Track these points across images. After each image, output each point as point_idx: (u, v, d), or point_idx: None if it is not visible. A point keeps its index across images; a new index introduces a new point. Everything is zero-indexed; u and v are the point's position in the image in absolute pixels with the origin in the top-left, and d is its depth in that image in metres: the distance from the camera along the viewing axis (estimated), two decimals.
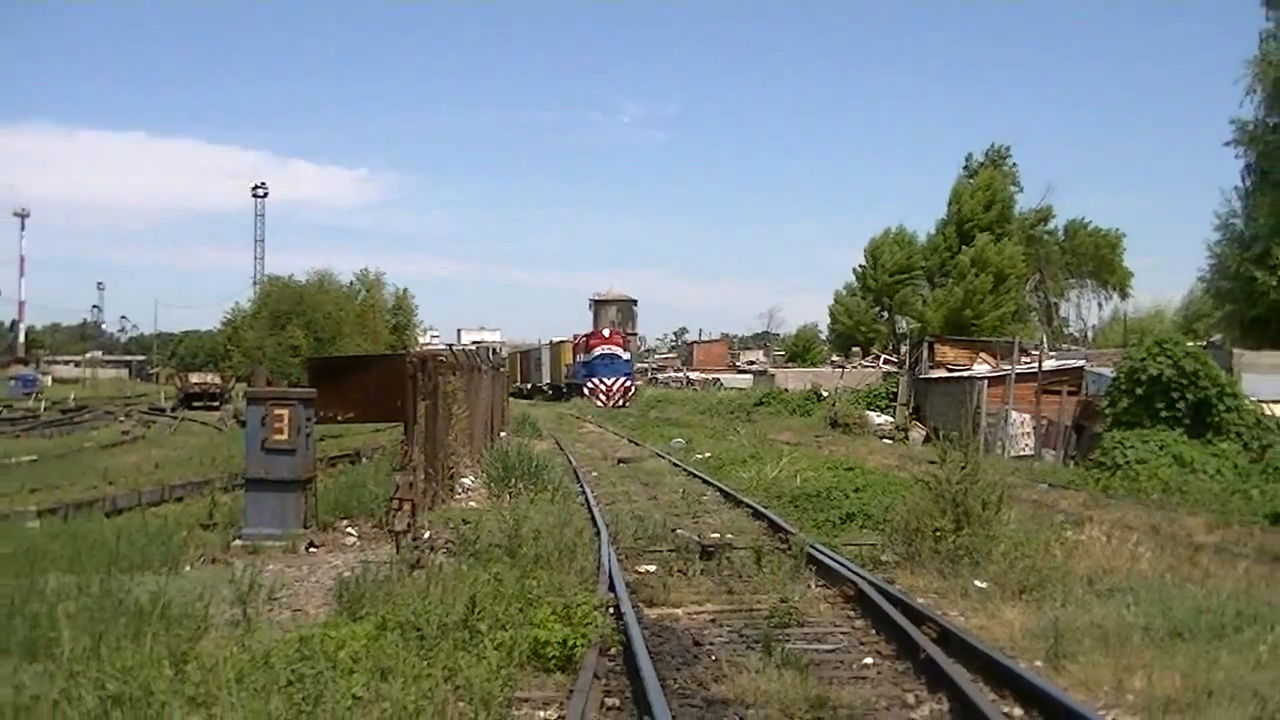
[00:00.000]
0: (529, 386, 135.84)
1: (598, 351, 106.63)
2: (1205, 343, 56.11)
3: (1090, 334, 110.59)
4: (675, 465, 41.81)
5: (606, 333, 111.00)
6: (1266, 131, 64.45)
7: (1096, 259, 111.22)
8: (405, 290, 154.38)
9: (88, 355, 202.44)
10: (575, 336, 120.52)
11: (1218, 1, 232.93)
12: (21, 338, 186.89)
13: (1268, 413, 38.80)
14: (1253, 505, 29.07)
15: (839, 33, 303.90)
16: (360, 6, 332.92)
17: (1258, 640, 13.56)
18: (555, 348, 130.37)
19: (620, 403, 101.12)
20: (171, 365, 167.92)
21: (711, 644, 15.17)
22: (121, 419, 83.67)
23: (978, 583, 18.03)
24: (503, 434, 47.97)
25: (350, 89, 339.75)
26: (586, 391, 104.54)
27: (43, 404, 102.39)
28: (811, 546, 20.52)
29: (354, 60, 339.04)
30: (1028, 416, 50.39)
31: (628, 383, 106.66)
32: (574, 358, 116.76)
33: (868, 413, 65.29)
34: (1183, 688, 12.08)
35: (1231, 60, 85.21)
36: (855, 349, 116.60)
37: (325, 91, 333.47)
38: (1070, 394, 49.02)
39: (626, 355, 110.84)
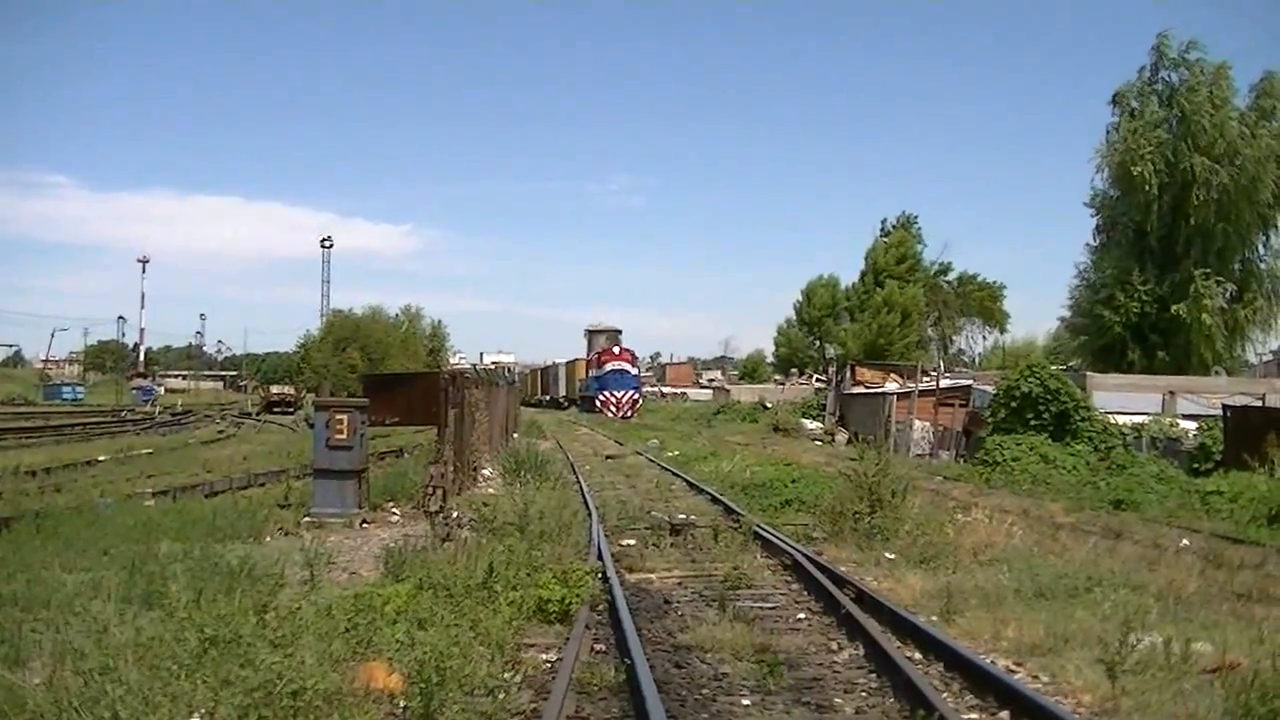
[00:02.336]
0: (547, 398, 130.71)
1: (609, 367, 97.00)
2: (1065, 367, 56.40)
3: (977, 360, 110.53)
4: (651, 461, 41.77)
5: (617, 350, 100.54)
6: (1110, 202, 65.07)
7: (982, 304, 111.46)
8: (439, 321, 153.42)
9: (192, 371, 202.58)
10: (589, 353, 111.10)
11: (1083, 98, 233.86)
12: (142, 357, 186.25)
13: (1112, 422, 38.95)
14: (1100, 494, 29.15)
15: (780, 120, 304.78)
16: (406, 105, 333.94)
17: (1103, 599, 13.64)
18: (570, 365, 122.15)
19: (629, 414, 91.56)
20: (257, 379, 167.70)
21: (678, 602, 15.18)
22: (217, 421, 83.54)
23: (888, 554, 18.07)
24: (515, 435, 47.85)
25: (398, 164, 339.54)
26: (598, 404, 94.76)
27: (158, 409, 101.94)
28: (757, 526, 20.50)
29: (401, 143, 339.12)
30: (928, 424, 50.47)
31: (635, 395, 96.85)
32: (587, 373, 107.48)
33: (803, 420, 65.23)
34: (1045, 635, 12.13)
35: (1089, 142, 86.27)
36: (793, 370, 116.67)
37: (379, 166, 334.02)
38: (960, 406, 49.15)
39: (634, 371, 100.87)
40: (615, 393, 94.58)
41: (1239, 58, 69.61)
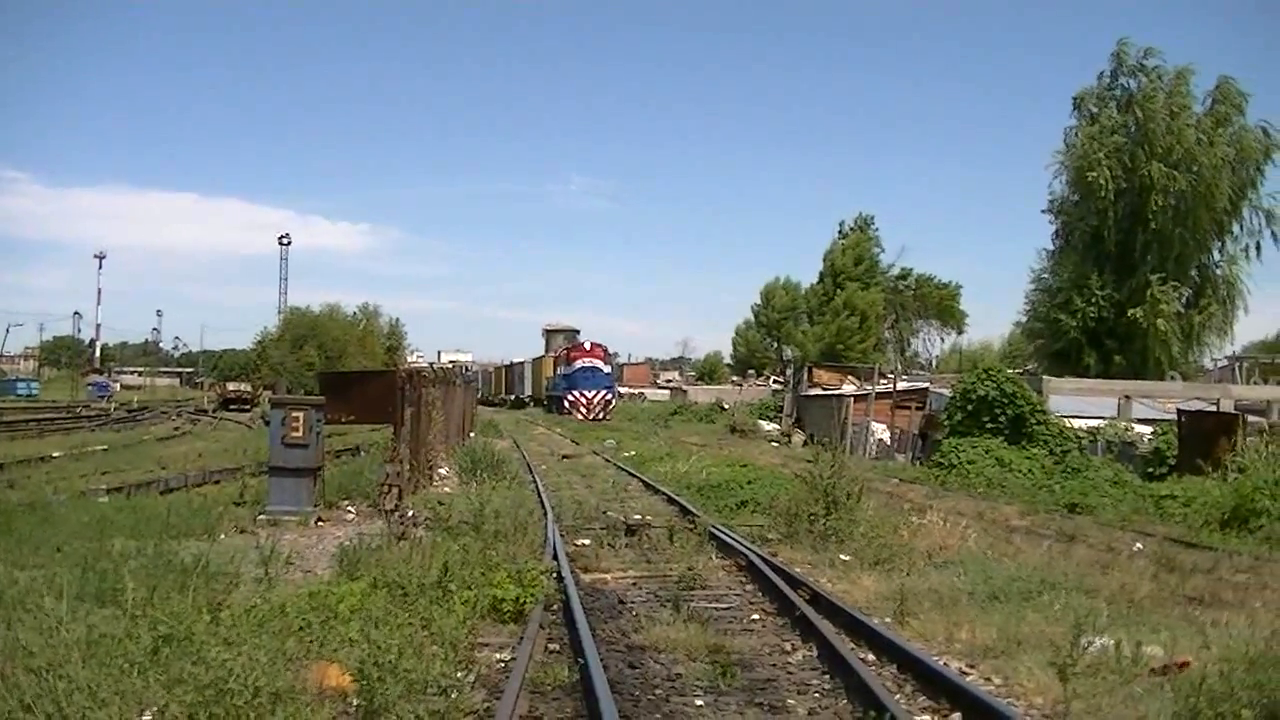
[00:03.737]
0: (512, 398, 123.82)
1: (579, 364, 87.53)
2: (1021, 370, 56.66)
3: (934, 362, 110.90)
4: (607, 461, 41.74)
5: (587, 346, 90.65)
6: (1069, 206, 65.44)
7: (940, 305, 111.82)
8: (397, 319, 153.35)
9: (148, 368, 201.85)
10: (556, 349, 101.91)
11: (1044, 103, 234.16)
12: (98, 353, 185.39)
13: (1068, 425, 39.15)
14: (1054, 497, 29.30)
15: (740, 122, 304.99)
16: (365, 102, 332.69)
17: (1054, 601, 13.70)
18: (537, 362, 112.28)
19: (601, 415, 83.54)
20: (213, 376, 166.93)
21: (633, 602, 15.19)
22: (173, 418, 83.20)
23: (842, 556, 18.12)
24: (472, 434, 47.76)
25: (358, 163, 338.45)
26: (567, 404, 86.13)
27: (113, 405, 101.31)
28: (713, 526, 20.50)
29: (361, 141, 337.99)
30: (884, 426, 50.71)
31: (608, 395, 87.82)
32: (554, 370, 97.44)
33: (760, 422, 65.41)
34: (998, 638, 12.18)
35: (1048, 148, 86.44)
36: (751, 371, 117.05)
37: (338, 164, 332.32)
38: (917, 409, 49.36)
39: (607, 369, 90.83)
40: (585, 392, 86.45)
41: (1200, 61, 70.10)
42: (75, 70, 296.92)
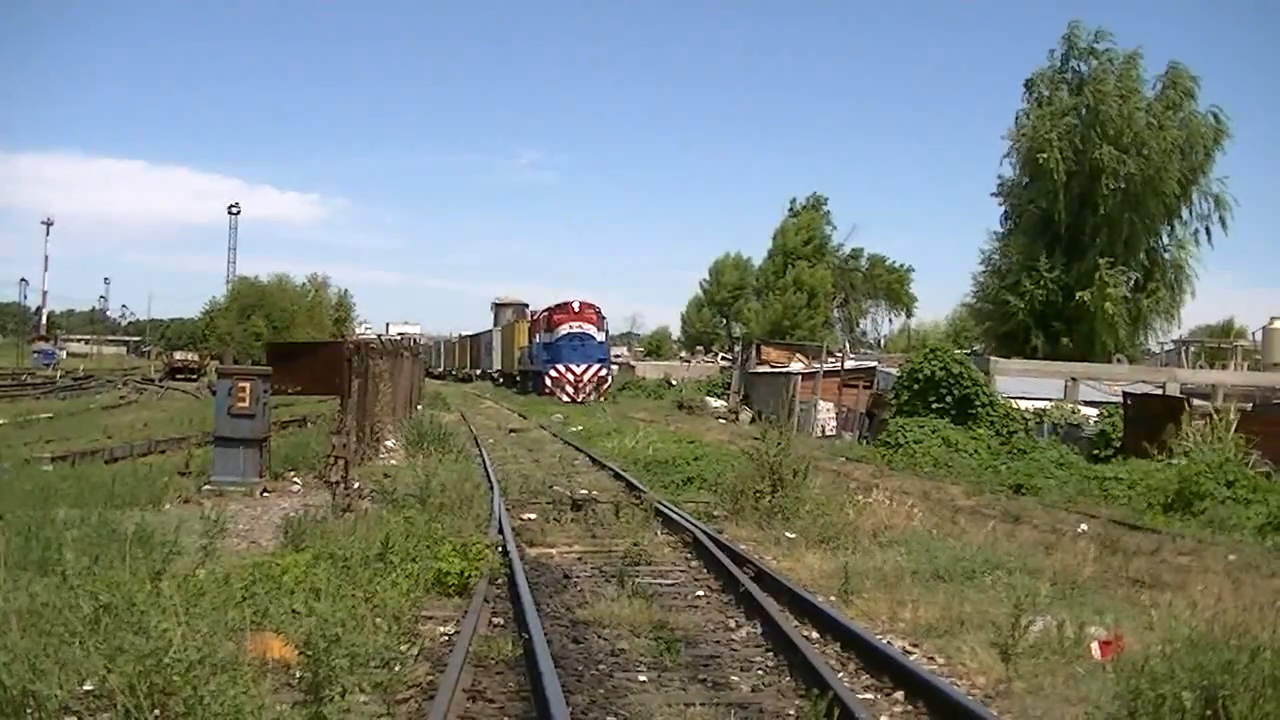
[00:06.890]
0: (478, 373, 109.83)
1: (564, 330, 70.05)
2: (969, 351, 56.83)
3: (882, 342, 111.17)
4: (554, 436, 41.78)
5: (577, 306, 72.34)
6: (1018, 189, 65.61)
7: (889, 286, 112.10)
8: (345, 291, 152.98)
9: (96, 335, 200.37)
10: (534, 312, 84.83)
11: (998, 82, 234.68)
12: (44, 320, 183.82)
13: (1015, 407, 39.30)
14: (1000, 478, 29.48)
15: (692, 98, 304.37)
16: (316, 72, 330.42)
17: (997, 582, 13.79)
18: (509, 329, 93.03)
19: (592, 395, 68.06)
20: (160, 345, 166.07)
21: (578, 577, 15.21)
22: (120, 387, 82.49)
23: (788, 534, 18.15)
24: (419, 407, 47.62)
25: (307, 133, 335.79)
26: (548, 382, 69.25)
27: (59, 373, 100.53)
28: (659, 502, 20.48)
29: (311, 112, 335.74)
30: (831, 404, 50.81)
31: (602, 370, 70.71)
32: (531, 339, 78.25)
33: (707, 398, 65.40)
34: (940, 617, 12.25)
35: (996, 130, 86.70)
36: (699, 347, 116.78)
37: (288, 133, 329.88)
38: (865, 388, 49.42)
39: (601, 336, 72.58)
40: (573, 366, 69.35)
41: (1151, 45, 70.39)
42: (24, 35, 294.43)
